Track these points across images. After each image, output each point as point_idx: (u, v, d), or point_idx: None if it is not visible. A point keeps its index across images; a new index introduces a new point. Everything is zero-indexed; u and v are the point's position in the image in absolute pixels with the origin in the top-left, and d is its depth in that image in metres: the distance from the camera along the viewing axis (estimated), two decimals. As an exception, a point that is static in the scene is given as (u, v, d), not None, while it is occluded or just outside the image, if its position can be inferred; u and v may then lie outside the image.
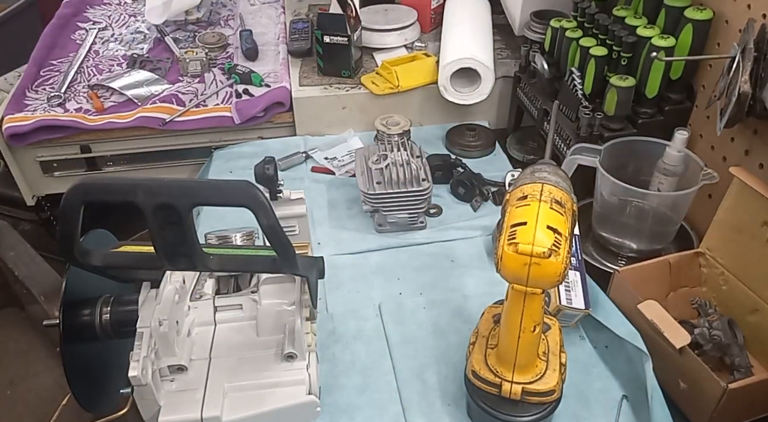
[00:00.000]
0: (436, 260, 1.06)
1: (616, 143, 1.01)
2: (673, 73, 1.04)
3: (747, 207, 0.86)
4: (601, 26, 1.08)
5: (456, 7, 1.47)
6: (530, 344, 0.69)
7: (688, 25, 0.99)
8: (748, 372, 0.85)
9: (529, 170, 0.69)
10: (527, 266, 0.60)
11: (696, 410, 0.81)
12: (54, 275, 1.28)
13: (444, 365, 0.87)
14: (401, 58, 1.41)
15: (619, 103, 1.03)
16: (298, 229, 0.91)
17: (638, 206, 0.98)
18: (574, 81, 1.08)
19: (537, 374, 0.72)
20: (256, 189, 0.53)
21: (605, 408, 0.82)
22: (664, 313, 0.82)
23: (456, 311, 0.96)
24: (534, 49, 1.26)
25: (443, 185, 1.21)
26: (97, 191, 0.48)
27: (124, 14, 1.73)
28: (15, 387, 1.32)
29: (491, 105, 1.40)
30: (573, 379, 0.84)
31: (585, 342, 0.91)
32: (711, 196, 1.00)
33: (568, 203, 0.65)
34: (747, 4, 0.91)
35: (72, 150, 1.32)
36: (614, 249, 1.05)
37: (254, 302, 0.75)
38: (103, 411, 0.84)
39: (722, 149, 1.00)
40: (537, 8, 1.31)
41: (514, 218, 0.63)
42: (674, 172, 0.98)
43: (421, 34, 1.52)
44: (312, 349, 0.75)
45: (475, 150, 1.30)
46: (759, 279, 0.88)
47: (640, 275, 0.92)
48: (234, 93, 1.35)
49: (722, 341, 0.86)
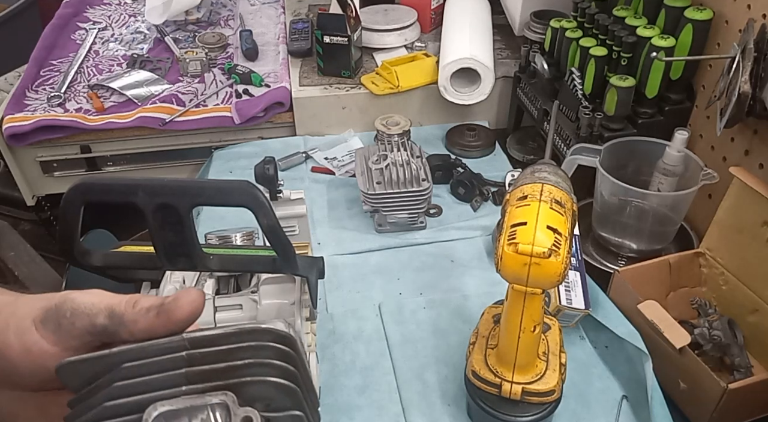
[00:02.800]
0: (436, 261, 1.06)
1: (616, 143, 1.01)
2: (673, 74, 1.04)
3: (747, 207, 0.86)
4: (601, 26, 1.08)
5: (456, 7, 1.47)
6: (530, 344, 0.69)
7: (688, 25, 0.99)
8: (748, 372, 0.85)
9: (529, 170, 0.69)
10: (527, 266, 0.60)
11: (696, 410, 0.81)
12: (54, 276, 1.28)
13: (444, 365, 0.87)
14: (401, 58, 1.41)
15: (619, 104, 1.03)
16: (298, 229, 0.91)
17: (638, 206, 0.98)
18: (574, 81, 1.08)
19: (537, 374, 0.72)
20: (256, 189, 0.52)
21: (605, 408, 0.82)
22: (664, 313, 0.82)
23: (456, 311, 0.96)
24: (534, 50, 1.26)
25: (443, 185, 1.21)
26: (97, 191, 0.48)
27: (124, 14, 1.73)
28: (15, 387, 1.31)
29: (491, 105, 1.40)
30: (573, 379, 0.84)
31: (585, 342, 0.91)
32: (711, 196, 1.00)
33: (568, 203, 0.65)
34: (747, 4, 0.91)
35: (72, 150, 1.32)
36: (614, 249, 1.05)
37: (254, 302, 0.75)
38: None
39: (722, 149, 1.00)
40: (537, 8, 1.31)
41: (514, 218, 0.63)
42: (674, 172, 0.98)
43: (421, 34, 1.52)
44: (312, 349, 0.75)
45: (475, 150, 1.30)
46: (759, 279, 0.88)
47: (640, 275, 0.92)
48: (234, 93, 1.35)
49: (722, 341, 0.86)
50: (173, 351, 0.34)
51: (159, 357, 0.34)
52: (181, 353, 0.34)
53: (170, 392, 0.33)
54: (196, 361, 0.33)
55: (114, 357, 0.34)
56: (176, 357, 0.34)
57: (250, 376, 0.33)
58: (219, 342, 0.34)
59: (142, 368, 0.34)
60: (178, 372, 0.33)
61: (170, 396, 0.32)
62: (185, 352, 0.34)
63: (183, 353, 0.34)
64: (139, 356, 0.34)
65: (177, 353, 0.34)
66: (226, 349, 0.34)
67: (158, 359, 0.34)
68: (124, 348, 0.34)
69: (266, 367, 0.34)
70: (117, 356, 0.34)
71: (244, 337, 0.34)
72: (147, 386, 0.33)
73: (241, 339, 0.34)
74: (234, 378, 0.33)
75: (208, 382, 0.33)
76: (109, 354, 0.34)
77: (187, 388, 0.33)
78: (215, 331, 0.34)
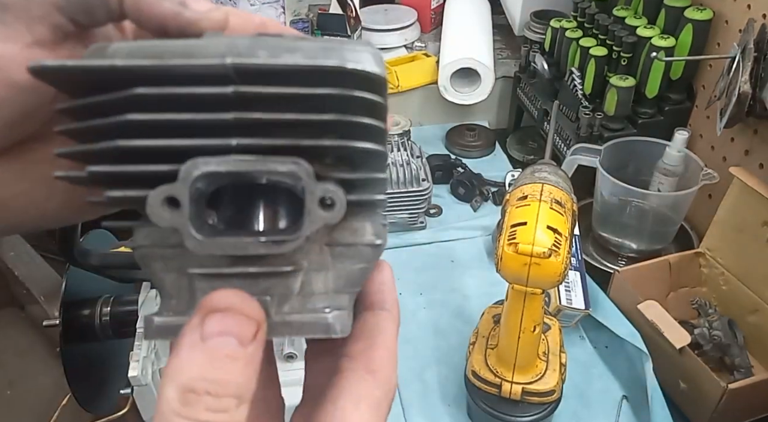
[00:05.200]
0: (436, 261, 1.06)
1: (616, 143, 1.01)
2: (673, 74, 1.03)
3: (747, 207, 0.86)
4: (601, 26, 1.08)
5: (456, 7, 1.47)
6: (530, 344, 0.69)
7: (688, 25, 0.98)
8: (748, 373, 0.85)
9: (529, 170, 0.69)
10: (527, 266, 0.60)
11: (696, 410, 0.81)
12: (54, 276, 1.28)
13: (444, 365, 0.87)
14: (401, 58, 1.41)
15: (619, 104, 1.03)
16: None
17: (638, 207, 0.98)
18: (574, 81, 1.08)
19: (537, 374, 0.72)
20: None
21: (605, 408, 0.82)
22: (664, 313, 0.82)
23: (456, 311, 0.96)
24: (534, 50, 1.26)
25: (443, 185, 1.21)
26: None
27: (124, 14, 1.72)
28: (15, 387, 1.32)
29: (491, 105, 1.40)
30: (573, 379, 0.84)
31: (585, 342, 0.91)
32: (711, 196, 1.00)
33: (568, 203, 0.65)
34: (747, 4, 0.91)
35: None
36: (614, 249, 1.05)
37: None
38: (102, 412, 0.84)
39: (722, 149, 0.99)
40: (537, 8, 1.31)
41: (514, 218, 0.62)
42: (674, 172, 0.98)
43: (421, 34, 1.52)
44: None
45: (475, 150, 1.30)
46: (759, 279, 0.87)
47: (640, 275, 0.92)
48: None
49: (722, 341, 0.86)
50: (213, 82, 0.22)
51: (190, 87, 0.22)
52: (227, 88, 0.22)
53: (213, 144, 0.22)
54: (249, 104, 0.22)
55: (118, 71, 0.22)
56: (218, 92, 0.22)
57: (331, 139, 0.23)
58: (285, 81, 0.22)
59: (165, 101, 0.22)
60: (222, 116, 0.22)
61: (214, 150, 0.22)
62: (232, 88, 0.22)
63: (229, 89, 0.22)
64: (158, 77, 0.22)
65: (220, 86, 0.22)
66: (297, 95, 0.22)
67: (188, 90, 0.22)
68: (134, 62, 0.22)
69: (353, 127, 0.23)
70: (122, 71, 0.22)
71: (325, 79, 0.23)
72: (178, 128, 0.22)
73: (320, 80, 0.22)
74: (306, 137, 0.23)
75: (269, 138, 0.23)
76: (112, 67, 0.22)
77: (239, 143, 0.22)
78: (278, 61, 0.22)
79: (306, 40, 0.23)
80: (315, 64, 0.22)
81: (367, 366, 0.25)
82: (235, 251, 0.23)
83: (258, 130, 0.23)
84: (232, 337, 0.21)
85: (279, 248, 0.23)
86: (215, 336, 0.21)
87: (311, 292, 0.24)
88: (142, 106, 0.22)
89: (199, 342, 0.21)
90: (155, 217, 0.22)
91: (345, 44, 0.23)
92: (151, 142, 0.22)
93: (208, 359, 0.21)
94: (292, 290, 0.24)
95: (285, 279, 0.24)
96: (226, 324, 0.21)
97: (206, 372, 0.21)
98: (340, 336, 0.24)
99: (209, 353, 0.21)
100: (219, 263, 0.23)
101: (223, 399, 0.21)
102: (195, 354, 0.21)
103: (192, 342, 0.21)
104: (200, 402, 0.21)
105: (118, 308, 0.76)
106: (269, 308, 0.24)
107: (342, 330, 0.24)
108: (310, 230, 0.23)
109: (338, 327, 0.24)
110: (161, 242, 0.24)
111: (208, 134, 0.22)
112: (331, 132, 0.23)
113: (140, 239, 0.24)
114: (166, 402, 0.21)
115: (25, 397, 1.29)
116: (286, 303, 0.24)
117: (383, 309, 0.27)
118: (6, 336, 1.41)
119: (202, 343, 0.21)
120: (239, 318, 0.22)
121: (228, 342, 0.21)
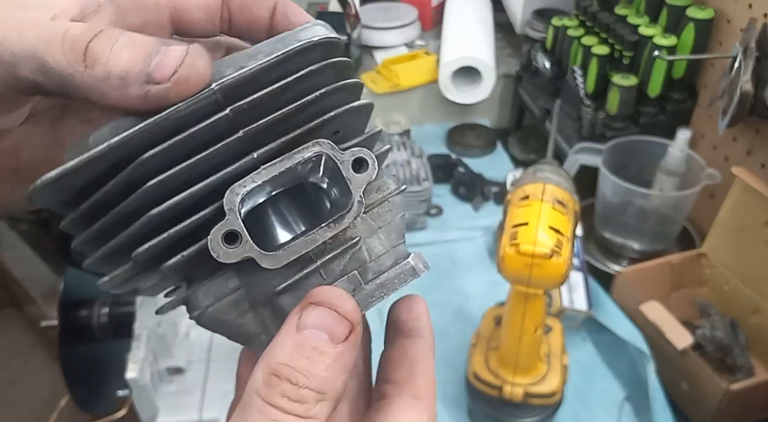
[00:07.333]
0: (437, 261, 1.05)
1: (618, 142, 1.01)
2: (675, 73, 1.03)
3: (749, 207, 0.86)
4: (603, 25, 1.07)
5: (457, 5, 1.46)
6: (532, 345, 0.69)
7: (690, 24, 0.98)
8: (749, 373, 0.84)
9: (531, 170, 0.69)
10: (529, 266, 0.60)
11: (697, 411, 0.81)
12: (52, 276, 1.28)
13: (445, 367, 0.87)
14: (402, 56, 1.40)
15: (621, 103, 1.02)
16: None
17: (640, 207, 0.97)
18: (576, 80, 1.08)
19: (538, 376, 0.71)
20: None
21: (607, 409, 0.82)
22: (666, 314, 0.82)
23: (457, 312, 0.95)
24: (535, 48, 1.26)
25: (444, 185, 1.21)
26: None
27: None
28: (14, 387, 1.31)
29: (492, 104, 1.39)
30: (575, 381, 0.83)
31: (587, 343, 0.91)
32: (713, 196, 1.00)
33: (570, 203, 0.65)
34: (748, 4, 0.90)
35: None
36: (616, 250, 1.04)
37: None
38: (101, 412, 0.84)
39: (724, 148, 0.99)
40: (538, 7, 1.31)
41: (516, 218, 0.62)
42: (676, 172, 0.98)
43: (422, 33, 1.51)
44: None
45: (476, 149, 1.30)
46: (761, 280, 0.87)
47: (642, 276, 0.91)
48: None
49: (724, 342, 0.86)
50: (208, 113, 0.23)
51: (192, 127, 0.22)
52: (224, 111, 0.23)
53: (238, 167, 0.23)
54: (244, 117, 0.23)
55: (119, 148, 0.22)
56: (219, 117, 0.23)
57: (324, 112, 0.25)
58: (266, 80, 0.24)
59: (171, 150, 0.22)
60: (233, 138, 0.23)
61: (242, 172, 0.23)
62: (228, 109, 0.23)
63: (226, 111, 0.23)
64: (157, 136, 0.22)
65: (217, 113, 0.23)
66: (278, 88, 0.24)
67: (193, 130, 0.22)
68: (128, 132, 0.22)
69: (342, 91, 0.25)
70: (119, 146, 0.22)
71: (295, 63, 0.24)
72: (198, 172, 0.23)
73: (290, 67, 0.24)
74: (310, 120, 0.24)
75: (280, 137, 0.24)
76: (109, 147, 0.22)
77: (259, 154, 0.24)
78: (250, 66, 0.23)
79: (254, 46, 0.24)
80: (288, 49, 0.24)
81: (412, 392, 0.26)
82: (309, 246, 0.24)
83: (268, 136, 0.24)
84: (324, 332, 0.23)
85: (341, 224, 0.24)
86: (308, 327, 0.23)
87: (378, 255, 0.26)
88: (156, 169, 0.22)
89: (293, 330, 0.23)
90: (223, 256, 0.23)
91: (290, 32, 0.25)
92: (182, 195, 0.23)
93: (296, 347, 0.22)
94: (365, 259, 0.26)
95: (355, 254, 0.26)
96: (320, 318, 0.23)
97: (292, 359, 0.22)
98: (424, 273, 0.26)
99: (299, 342, 0.22)
100: (288, 274, 0.24)
101: (302, 390, 0.22)
102: (287, 340, 0.22)
103: (288, 329, 0.23)
104: (280, 386, 0.22)
105: (116, 309, 0.76)
106: (359, 281, 0.25)
107: (425, 266, 0.26)
108: (358, 194, 0.24)
109: (421, 265, 0.26)
110: (222, 293, 0.25)
111: (226, 162, 0.23)
112: (327, 106, 0.25)
113: (202, 302, 0.25)
114: (253, 381, 0.22)
115: (24, 397, 1.28)
116: (368, 272, 0.26)
117: (421, 336, 0.28)
118: (4, 337, 1.40)
119: (296, 332, 0.23)
120: (334, 316, 0.23)
121: (319, 335, 0.23)
